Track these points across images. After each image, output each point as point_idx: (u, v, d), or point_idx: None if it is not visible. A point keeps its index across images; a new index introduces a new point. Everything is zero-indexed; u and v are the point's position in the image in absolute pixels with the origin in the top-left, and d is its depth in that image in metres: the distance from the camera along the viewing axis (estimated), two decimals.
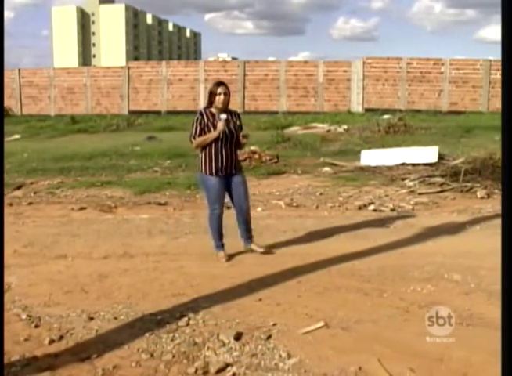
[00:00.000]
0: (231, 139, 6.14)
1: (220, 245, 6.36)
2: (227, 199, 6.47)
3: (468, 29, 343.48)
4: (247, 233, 6.52)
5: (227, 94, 6.07)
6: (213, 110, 6.12)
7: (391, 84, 31.39)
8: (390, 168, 12.90)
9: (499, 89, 30.03)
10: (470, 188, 10.57)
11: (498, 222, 8.04)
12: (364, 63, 31.53)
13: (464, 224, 7.95)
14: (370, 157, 13.63)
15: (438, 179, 11.28)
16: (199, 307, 4.77)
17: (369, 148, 15.21)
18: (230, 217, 6.56)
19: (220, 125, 5.98)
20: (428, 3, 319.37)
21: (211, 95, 6.08)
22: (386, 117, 25.32)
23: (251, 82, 32.06)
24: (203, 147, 6.15)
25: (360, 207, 9.20)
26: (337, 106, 31.56)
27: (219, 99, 6.03)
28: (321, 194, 10.18)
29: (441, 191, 10.51)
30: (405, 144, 16.00)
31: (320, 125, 23.04)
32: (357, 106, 31.40)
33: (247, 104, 31.28)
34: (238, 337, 4.17)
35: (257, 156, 13.50)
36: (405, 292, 5.15)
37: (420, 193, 10.33)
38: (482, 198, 10.00)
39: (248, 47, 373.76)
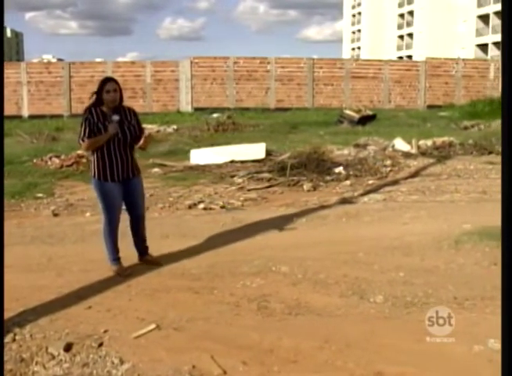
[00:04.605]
0: (125, 141, 5.65)
1: (116, 259, 5.79)
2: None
3: (291, 29, 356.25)
4: (143, 244, 6.12)
5: (117, 90, 5.52)
6: (104, 108, 5.56)
7: (219, 83, 31.92)
8: (219, 165, 13.11)
9: (323, 86, 31.67)
10: (296, 182, 11.00)
11: (323, 213, 8.46)
12: (192, 62, 31.79)
13: (291, 217, 8.23)
14: (200, 156, 13.78)
15: (266, 175, 11.63)
16: (25, 321, 4.55)
17: (199, 147, 15.38)
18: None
19: (111, 128, 5.48)
20: (252, 4, 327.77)
21: (99, 93, 5.51)
22: (215, 115, 25.81)
23: (77, 84, 31.08)
24: (95, 150, 5.58)
25: (190, 207, 9.27)
26: (166, 106, 31.55)
27: (109, 97, 5.48)
28: (151, 195, 10.11)
29: (270, 186, 10.84)
30: (235, 142, 16.33)
31: (149, 126, 22.85)
32: (186, 106, 31.59)
33: (74, 107, 30.34)
34: (68, 348, 4.03)
35: (84, 160, 13.08)
36: (235, 287, 5.23)
37: (248, 190, 10.59)
38: (309, 191, 10.45)
39: (75, 48, 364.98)
